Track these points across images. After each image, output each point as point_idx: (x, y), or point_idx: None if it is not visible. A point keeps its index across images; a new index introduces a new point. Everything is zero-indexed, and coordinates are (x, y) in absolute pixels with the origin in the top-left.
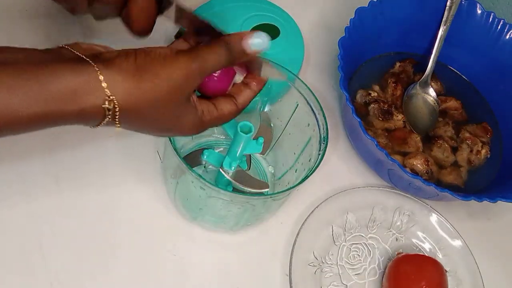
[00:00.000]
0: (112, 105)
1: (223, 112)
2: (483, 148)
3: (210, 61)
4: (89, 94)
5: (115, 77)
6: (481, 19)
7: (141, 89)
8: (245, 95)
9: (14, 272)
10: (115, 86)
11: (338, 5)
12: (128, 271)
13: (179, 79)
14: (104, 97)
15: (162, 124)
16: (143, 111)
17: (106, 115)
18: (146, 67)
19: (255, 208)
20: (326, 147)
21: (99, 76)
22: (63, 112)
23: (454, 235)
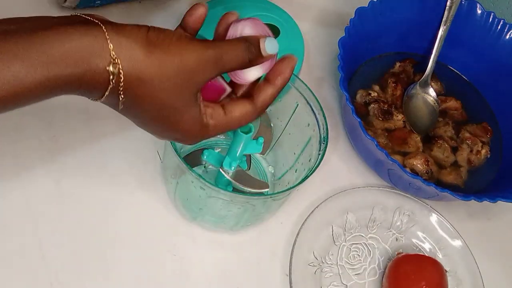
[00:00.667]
0: (117, 69)
1: (233, 115)
2: (483, 148)
3: (229, 54)
4: (94, 55)
5: (123, 43)
6: (481, 19)
7: (149, 61)
8: (267, 92)
9: (14, 272)
10: (122, 51)
11: (338, 5)
12: (128, 271)
13: (190, 62)
14: (110, 59)
15: (163, 113)
16: (148, 87)
17: (110, 80)
18: (158, 42)
19: (255, 208)
20: (326, 147)
21: (107, 38)
22: (67, 76)
23: (454, 235)
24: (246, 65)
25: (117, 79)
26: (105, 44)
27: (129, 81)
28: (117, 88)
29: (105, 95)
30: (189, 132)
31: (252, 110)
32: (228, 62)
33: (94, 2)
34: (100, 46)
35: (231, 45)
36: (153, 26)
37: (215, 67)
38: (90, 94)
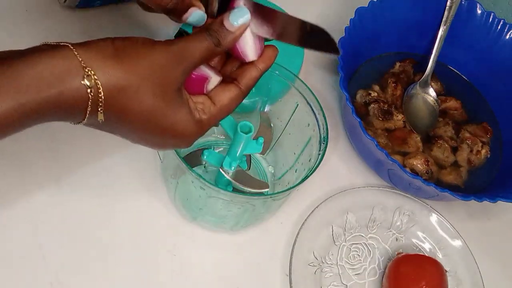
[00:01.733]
0: (93, 81)
1: (223, 103)
2: (483, 148)
3: (193, 46)
4: (66, 74)
5: (93, 56)
6: (481, 19)
7: (122, 67)
8: (250, 74)
9: (14, 272)
10: (93, 63)
11: (338, 5)
12: (128, 271)
13: (160, 60)
14: (83, 73)
15: (152, 118)
16: (128, 94)
17: (88, 94)
18: (126, 49)
19: (255, 208)
20: (326, 147)
21: (76, 54)
22: (41, 100)
23: (454, 235)
24: (216, 49)
25: (95, 91)
26: (75, 60)
27: (108, 91)
28: (96, 102)
29: (87, 112)
30: (185, 134)
31: (239, 93)
32: (195, 51)
33: (94, 2)
34: (70, 64)
35: (193, 35)
36: (117, 37)
37: (183, 59)
38: (71, 116)
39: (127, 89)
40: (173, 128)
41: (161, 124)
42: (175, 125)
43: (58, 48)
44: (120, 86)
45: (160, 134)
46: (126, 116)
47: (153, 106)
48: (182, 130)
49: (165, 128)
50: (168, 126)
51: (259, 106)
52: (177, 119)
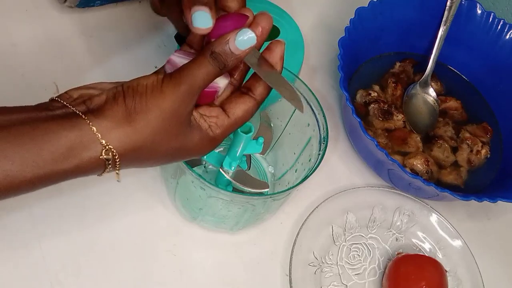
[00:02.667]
0: (111, 154)
1: (237, 115)
2: (483, 148)
3: (199, 76)
4: (85, 148)
5: (108, 125)
6: (481, 19)
7: (137, 130)
8: (264, 85)
9: (14, 272)
10: (109, 135)
11: (338, 5)
12: (128, 271)
13: (170, 107)
14: (101, 148)
15: (168, 155)
16: (144, 150)
17: (106, 165)
18: (136, 107)
19: (255, 208)
20: (326, 147)
21: (92, 128)
22: (62, 171)
23: (454, 235)
24: (221, 72)
25: (113, 161)
26: (92, 135)
27: (125, 157)
28: (113, 166)
29: (104, 172)
30: (200, 150)
31: (253, 104)
32: (202, 81)
33: (94, 2)
34: (88, 139)
35: (197, 65)
36: (126, 88)
37: (193, 95)
38: (88, 176)
39: (143, 147)
40: (189, 152)
41: (177, 154)
42: (191, 150)
43: (73, 119)
44: (135, 148)
45: (177, 158)
46: (143, 163)
47: (168, 147)
48: (197, 149)
49: (181, 154)
50: (182, 149)
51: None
52: (190, 145)
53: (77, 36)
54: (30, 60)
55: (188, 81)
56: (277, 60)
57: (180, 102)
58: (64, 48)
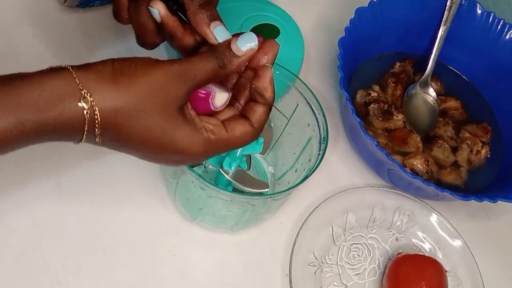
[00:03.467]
0: (89, 103)
1: (235, 133)
2: (483, 148)
3: (197, 64)
4: (64, 96)
5: (91, 78)
6: (481, 19)
7: (119, 89)
8: (259, 111)
9: (14, 272)
10: (91, 86)
11: (338, 5)
12: (128, 271)
13: (159, 79)
14: (80, 95)
15: (152, 136)
16: (125, 116)
17: (84, 116)
18: (124, 69)
19: (255, 208)
20: (326, 147)
21: (74, 77)
22: (40, 120)
23: (454, 235)
24: (221, 71)
25: (91, 113)
26: (73, 82)
27: (104, 113)
28: (93, 123)
29: (84, 134)
30: (189, 150)
31: (252, 130)
32: (199, 72)
33: (94, 2)
34: (68, 86)
35: (198, 55)
36: (118, 58)
37: (185, 79)
38: (69, 136)
39: (123, 109)
40: (175, 145)
41: (161, 141)
42: (177, 142)
43: (59, 70)
44: (116, 107)
45: (161, 151)
46: (124, 136)
47: (151, 124)
48: (185, 147)
49: (165, 145)
50: (168, 143)
51: None
52: (178, 137)
53: (77, 36)
54: (30, 60)
55: (184, 64)
56: (266, 85)
57: (170, 79)
58: (64, 48)
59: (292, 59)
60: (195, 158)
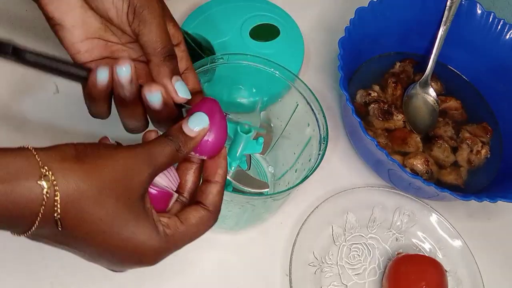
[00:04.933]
0: (50, 183)
1: (190, 221)
2: (483, 148)
3: (155, 148)
4: (21, 172)
5: (53, 156)
6: (481, 19)
7: (83, 169)
8: (212, 192)
9: (14, 272)
10: (53, 164)
11: (338, 5)
12: (128, 271)
13: (122, 164)
14: (40, 173)
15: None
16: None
17: (43, 199)
18: (87, 152)
19: (255, 208)
20: (326, 147)
21: (34, 154)
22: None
23: (454, 235)
24: (177, 155)
25: (52, 193)
26: (33, 159)
27: (67, 195)
28: (52, 206)
29: (38, 217)
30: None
31: (207, 214)
32: (159, 155)
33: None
34: (27, 162)
35: (155, 140)
36: (80, 142)
37: (147, 164)
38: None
39: (88, 192)
40: (135, 240)
41: (122, 234)
42: (137, 237)
43: (17, 148)
44: (80, 190)
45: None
46: (85, 223)
47: (115, 212)
48: (143, 243)
49: (126, 239)
50: (130, 237)
51: (259, 106)
52: (139, 230)
53: None
54: None
55: (146, 148)
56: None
57: (134, 163)
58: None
59: (292, 59)
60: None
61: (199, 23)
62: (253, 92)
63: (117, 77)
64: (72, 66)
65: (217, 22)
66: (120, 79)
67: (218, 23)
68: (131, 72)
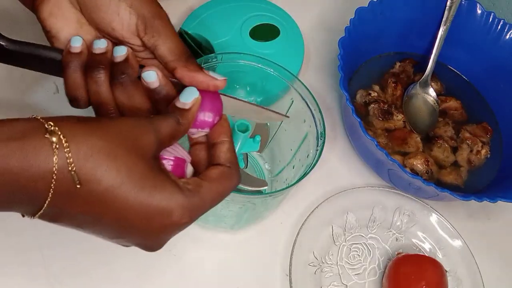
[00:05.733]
0: (58, 137)
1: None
2: (483, 148)
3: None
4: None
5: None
6: (481, 19)
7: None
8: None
9: (14, 272)
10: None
11: (338, 5)
12: (128, 271)
13: (128, 124)
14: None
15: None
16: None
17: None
18: (89, 119)
19: (255, 206)
20: (323, 142)
21: (38, 118)
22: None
23: (454, 235)
24: (179, 127)
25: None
26: (37, 120)
27: (76, 147)
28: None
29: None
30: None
31: (227, 169)
32: (162, 126)
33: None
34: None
35: (157, 115)
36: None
37: (152, 130)
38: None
39: (98, 144)
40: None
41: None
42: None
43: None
44: (90, 143)
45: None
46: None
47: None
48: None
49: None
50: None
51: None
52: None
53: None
54: None
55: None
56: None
57: (139, 126)
58: None
59: (292, 59)
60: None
61: (199, 23)
62: (247, 91)
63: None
64: (47, 50)
65: (217, 22)
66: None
67: (218, 23)
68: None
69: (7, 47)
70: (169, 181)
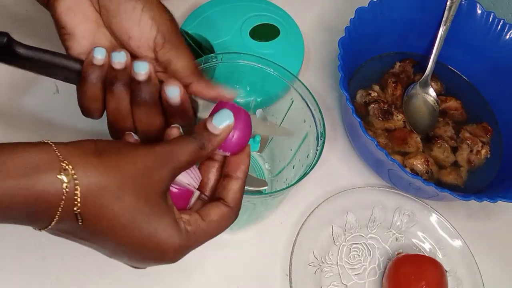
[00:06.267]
0: (70, 177)
1: (211, 218)
2: (483, 148)
3: (178, 145)
4: (42, 165)
5: (72, 151)
6: (481, 19)
7: (104, 165)
8: (233, 188)
9: (14, 272)
10: (72, 158)
11: (338, 5)
12: (128, 271)
13: (143, 161)
14: (59, 167)
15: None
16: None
17: (62, 193)
18: (107, 148)
19: (255, 207)
20: (324, 142)
21: (54, 149)
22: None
23: (454, 235)
24: (201, 153)
25: (72, 188)
26: (53, 154)
27: (87, 189)
28: (71, 200)
29: (58, 213)
30: (168, 245)
31: (228, 210)
32: (181, 153)
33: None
34: (47, 156)
35: (178, 138)
36: (100, 139)
37: (169, 161)
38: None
39: (108, 187)
40: (156, 236)
41: (142, 230)
42: (158, 233)
43: (37, 143)
44: (101, 184)
45: (140, 242)
46: (105, 218)
47: (136, 208)
48: (165, 240)
49: (147, 235)
50: (151, 233)
51: (253, 105)
52: (160, 226)
53: None
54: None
55: (166, 146)
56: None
57: (155, 161)
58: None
59: (292, 59)
60: (174, 254)
61: (199, 23)
62: (247, 91)
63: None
64: (65, 59)
65: (217, 22)
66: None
67: (218, 23)
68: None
69: (23, 54)
70: (171, 222)
